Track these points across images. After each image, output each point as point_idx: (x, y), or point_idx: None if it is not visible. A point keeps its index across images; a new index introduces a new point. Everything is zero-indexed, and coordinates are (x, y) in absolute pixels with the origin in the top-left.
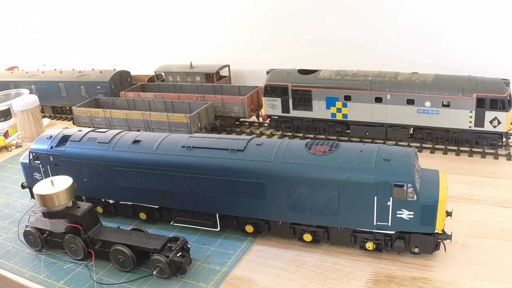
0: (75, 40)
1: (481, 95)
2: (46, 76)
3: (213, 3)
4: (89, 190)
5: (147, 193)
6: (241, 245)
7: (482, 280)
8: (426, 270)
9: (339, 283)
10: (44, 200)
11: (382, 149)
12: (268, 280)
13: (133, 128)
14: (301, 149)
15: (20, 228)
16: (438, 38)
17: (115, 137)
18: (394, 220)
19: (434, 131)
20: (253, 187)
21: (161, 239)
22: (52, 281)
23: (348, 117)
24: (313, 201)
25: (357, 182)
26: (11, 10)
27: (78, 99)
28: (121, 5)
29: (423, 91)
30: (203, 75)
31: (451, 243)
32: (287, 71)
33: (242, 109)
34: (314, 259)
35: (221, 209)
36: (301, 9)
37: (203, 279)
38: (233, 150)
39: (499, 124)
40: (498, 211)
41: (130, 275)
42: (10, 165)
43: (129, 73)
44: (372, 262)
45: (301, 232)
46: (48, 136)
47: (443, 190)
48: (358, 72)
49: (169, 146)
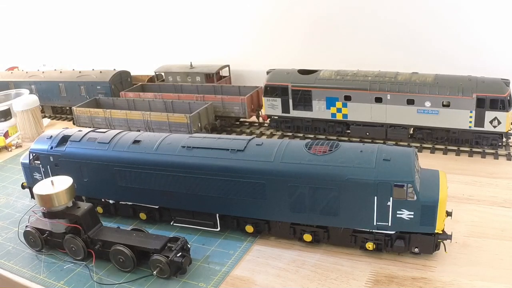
0: (75, 40)
1: (481, 95)
2: (46, 76)
3: (213, 4)
4: (89, 190)
5: (147, 193)
6: (241, 245)
7: (482, 280)
8: (426, 270)
9: (339, 283)
10: (44, 200)
11: (382, 149)
12: (268, 280)
13: (133, 128)
14: (301, 149)
15: (20, 228)
16: (438, 38)
17: (115, 137)
18: (394, 220)
19: (434, 131)
20: (253, 187)
21: (161, 239)
22: (52, 281)
23: (348, 117)
24: (313, 201)
25: (357, 182)
26: (11, 10)
27: (78, 99)
28: (121, 5)
29: (423, 91)
30: (203, 75)
31: (451, 243)
32: (287, 71)
33: (242, 109)
34: (314, 259)
35: (221, 209)
36: (301, 9)
37: (203, 279)
38: (233, 150)
39: (499, 124)
40: (498, 211)
41: (130, 275)
42: (10, 165)
43: (129, 73)
44: (372, 262)
45: (301, 232)
46: (48, 136)
47: (443, 190)
48: (358, 72)
49: (169, 146)
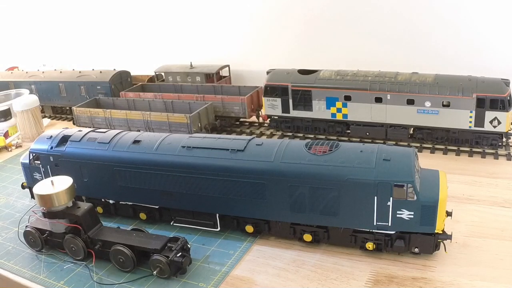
0: (75, 40)
1: (481, 95)
2: (46, 76)
3: (213, 4)
4: (89, 190)
5: (147, 193)
6: (241, 245)
7: (482, 280)
8: (426, 270)
9: (339, 283)
10: (44, 200)
11: (382, 149)
12: (268, 280)
13: (133, 128)
14: (301, 149)
15: (20, 228)
16: (438, 38)
17: (115, 137)
18: (394, 220)
19: (434, 131)
20: (253, 187)
21: (161, 239)
22: (52, 281)
23: (348, 117)
24: (313, 201)
25: (357, 182)
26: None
27: (78, 99)
28: (121, 5)
29: (423, 91)
30: (203, 75)
31: (451, 243)
32: (287, 71)
33: (242, 109)
34: (314, 259)
35: (221, 209)
36: (301, 9)
37: (203, 279)
38: (233, 150)
39: (499, 124)
40: (498, 211)
41: (130, 275)
42: (10, 165)
43: (129, 73)
44: (372, 262)
45: (301, 232)
46: (48, 136)
47: (443, 190)
48: (358, 72)
49: (169, 146)
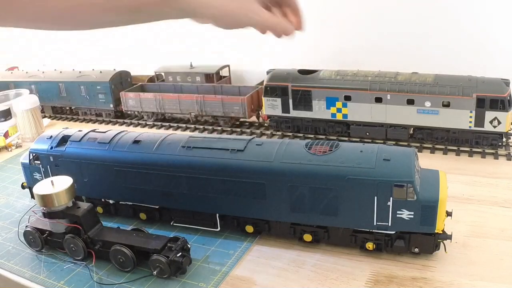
0: (75, 40)
1: (481, 95)
2: (46, 76)
3: None
4: (89, 190)
5: (147, 193)
6: (241, 245)
7: (482, 280)
8: (426, 270)
9: (339, 283)
10: (44, 200)
11: (382, 149)
12: (268, 280)
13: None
14: (301, 149)
15: (20, 228)
16: (438, 38)
17: (115, 137)
18: (394, 220)
19: (434, 131)
20: (253, 187)
21: (161, 239)
22: (52, 281)
23: (348, 117)
24: (313, 201)
25: (357, 182)
26: None
27: (78, 99)
28: None
29: (423, 91)
30: (203, 75)
31: (451, 243)
32: (287, 71)
33: (242, 109)
34: (314, 259)
35: (221, 209)
36: None
37: (203, 279)
38: (233, 150)
39: (499, 124)
40: (498, 211)
41: (130, 275)
42: (10, 165)
43: (129, 73)
44: (372, 262)
45: (301, 232)
46: (48, 136)
47: (443, 190)
48: (358, 72)
49: (169, 146)
